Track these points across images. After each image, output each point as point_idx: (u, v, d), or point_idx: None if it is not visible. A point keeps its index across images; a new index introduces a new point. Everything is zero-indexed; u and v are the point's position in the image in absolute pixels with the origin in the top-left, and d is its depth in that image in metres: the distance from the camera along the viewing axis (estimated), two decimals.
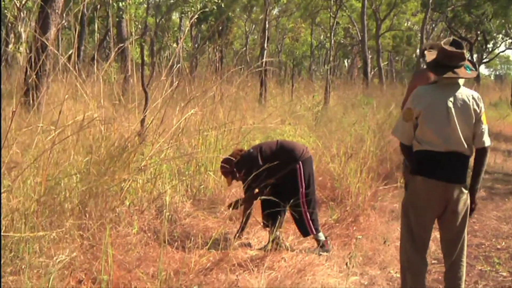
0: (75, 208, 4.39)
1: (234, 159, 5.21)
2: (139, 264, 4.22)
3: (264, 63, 12.59)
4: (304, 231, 5.19)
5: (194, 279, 4.13)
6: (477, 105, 3.60)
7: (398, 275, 4.65)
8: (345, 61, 38.29)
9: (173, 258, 4.47)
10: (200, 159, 6.49)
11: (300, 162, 5.11)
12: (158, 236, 4.74)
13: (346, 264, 4.38)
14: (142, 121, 5.95)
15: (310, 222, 5.13)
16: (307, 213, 5.11)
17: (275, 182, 5.12)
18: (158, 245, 4.57)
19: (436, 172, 3.57)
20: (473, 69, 3.68)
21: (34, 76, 5.83)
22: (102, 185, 4.62)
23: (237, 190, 6.23)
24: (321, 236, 5.19)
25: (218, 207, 5.89)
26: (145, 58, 9.39)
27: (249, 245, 5.16)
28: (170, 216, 5.32)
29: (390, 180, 7.66)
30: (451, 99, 3.57)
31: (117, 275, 3.85)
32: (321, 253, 5.00)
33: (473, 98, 3.61)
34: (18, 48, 10.92)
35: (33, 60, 5.67)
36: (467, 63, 3.66)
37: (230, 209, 5.33)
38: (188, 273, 4.17)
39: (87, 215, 4.41)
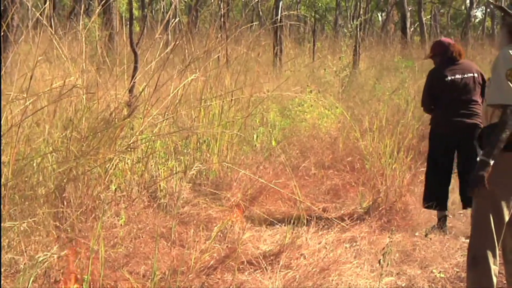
0: (51, 193, 4.39)
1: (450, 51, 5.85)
2: (128, 261, 4.23)
3: (279, 17, 12.47)
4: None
5: (194, 279, 4.13)
6: None
7: (442, 275, 4.64)
8: (379, 14, 37.92)
9: (168, 255, 4.47)
10: (201, 135, 6.46)
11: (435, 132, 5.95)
12: (151, 228, 4.74)
13: (379, 262, 4.34)
14: (131, 88, 5.93)
15: (426, 191, 5.91)
16: (427, 179, 5.94)
17: None
18: (150, 239, 4.57)
19: None
20: None
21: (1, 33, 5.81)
22: (83, 166, 4.62)
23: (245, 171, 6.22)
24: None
25: (224, 193, 5.87)
26: (134, 11, 9.34)
27: (261, 238, 5.14)
28: (165, 204, 5.31)
29: None
30: None
31: (100, 274, 3.85)
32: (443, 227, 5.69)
33: None
34: None
35: None
36: None
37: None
38: (187, 272, 4.16)
39: (65, 203, 4.41)
